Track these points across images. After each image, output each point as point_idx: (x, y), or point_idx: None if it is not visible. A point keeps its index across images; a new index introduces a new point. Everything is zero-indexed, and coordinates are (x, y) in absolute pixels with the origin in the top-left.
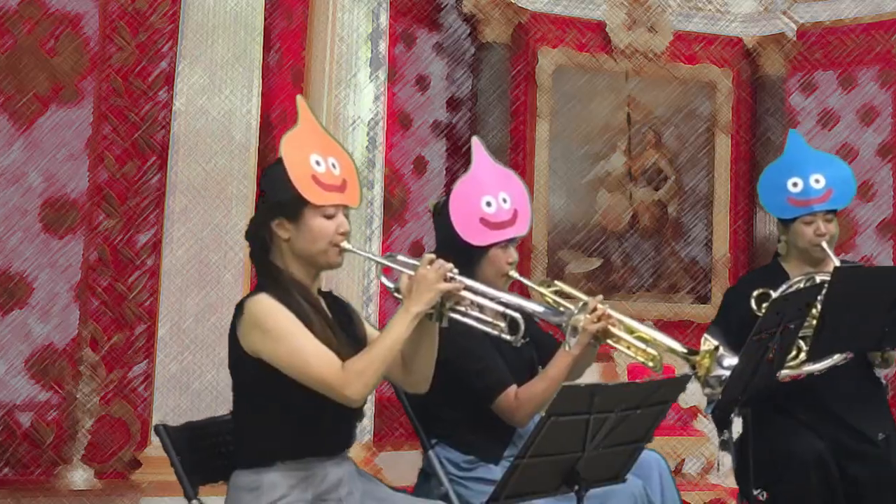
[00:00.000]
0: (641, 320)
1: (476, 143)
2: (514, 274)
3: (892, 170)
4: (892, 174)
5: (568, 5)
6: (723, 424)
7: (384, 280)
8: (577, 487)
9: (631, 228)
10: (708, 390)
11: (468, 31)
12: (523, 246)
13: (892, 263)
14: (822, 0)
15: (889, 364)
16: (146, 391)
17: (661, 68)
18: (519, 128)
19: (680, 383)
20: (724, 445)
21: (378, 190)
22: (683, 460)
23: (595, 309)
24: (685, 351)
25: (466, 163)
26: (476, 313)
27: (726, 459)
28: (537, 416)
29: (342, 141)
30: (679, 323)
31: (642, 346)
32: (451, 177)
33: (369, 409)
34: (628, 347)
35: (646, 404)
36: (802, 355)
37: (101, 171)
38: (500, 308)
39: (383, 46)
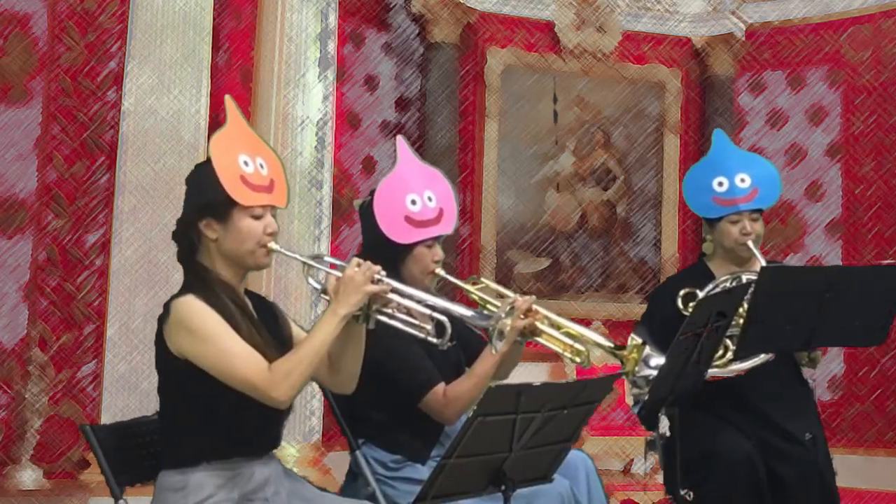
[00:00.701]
0: (589, 322)
1: (401, 142)
2: (441, 272)
3: (840, 170)
4: (841, 174)
5: (517, 5)
6: (650, 425)
7: (311, 281)
8: (503, 487)
9: (580, 228)
10: (635, 390)
11: (417, 31)
12: (472, 246)
13: (840, 263)
14: (771, 0)
15: (816, 364)
16: (95, 391)
17: (609, 68)
18: (468, 128)
19: (606, 383)
20: (650, 446)
21: (327, 190)
22: (632, 460)
23: (521, 307)
24: (612, 346)
25: None
26: (403, 315)
27: (652, 459)
28: (464, 416)
29: (291, 141)
30: (628, 323)
31: (569, 341)
32: None
33: (318, 409)
34: (555, 344)
35: (572, 404)
36: (729, 354)
37: (49, 170)
38: (428, 310)
39: (332, 46)
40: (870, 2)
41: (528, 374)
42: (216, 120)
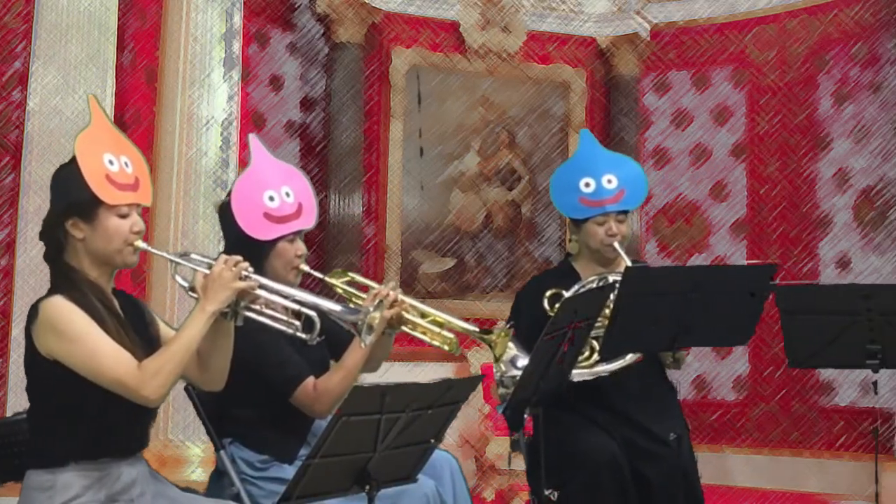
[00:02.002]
0: (494, 322)
1: (254, 140)
2: (304, 267)
3: (745, 170)
4: (746, 174)
5: (422, 5)
6: (515, 425)
7: (178, 279)
8: (368, 488)
9: (484, 228)
10: (502, 390)
11: (322, 31)
12: (377, 246)
13: (745, 263)
14: (676, 0)
15: (680, 364)
16: (0, 390)
17: (514, 68)
18: (373, 128)
19: (471, 383)
20: (514, 446)
21: None
22: None
23: (387, 298)
24: (479, 331)
25: (321, 162)
26: (271, 312)
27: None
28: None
29: (196, 141)
30: None
31: (436, 329)
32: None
33: None
34: (423, 332)
35: (437, 404)
36: (595, 356)
37: None
38: (296, 306)
39: (237, 46)
40: (774, 2)
41: (433, 373)
42: (121, 120)
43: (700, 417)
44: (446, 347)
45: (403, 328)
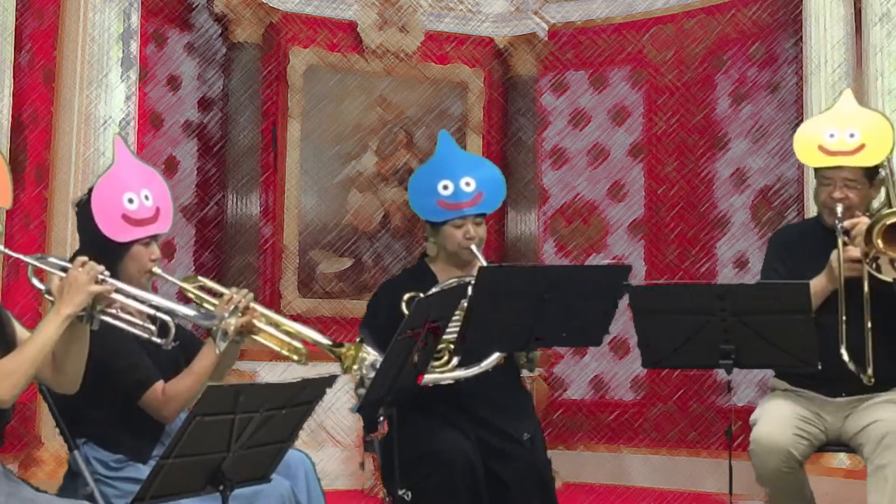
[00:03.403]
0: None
1: (118, 141)
2: (158, 270)
3: (643, 170)
4: (644, 174)
5: (319, 5)
6: (370, 425)
7: (34, 281)
8: (222, 487)
9: (382, 228)
10: (362, 391)
11: (219, 31)
12: (274, 246)
13: (643, 263)
14: (574, 0)
15: (534, 365)
16: None
17: (412, 68)
18: (270, 127)
19: (325, 383)
20: (368, 446)
21: None
22: None
23: (240, 305)
24: (330, 344)
25: (219, 162)
26: (126, 316)
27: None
28: (184, 414)
29: (94, 141)
30: None
31: (287, 339)
32: (203, 176)
33: None
34: (273, 342)
35: (291, 404)
36: (454, 360)
37: None
38: (151, 311)
39: (134, 46)
40: (672, 2)
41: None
42: (19, 121)
43: (598, 417)
44: (295, 358)
45: (254, 336)
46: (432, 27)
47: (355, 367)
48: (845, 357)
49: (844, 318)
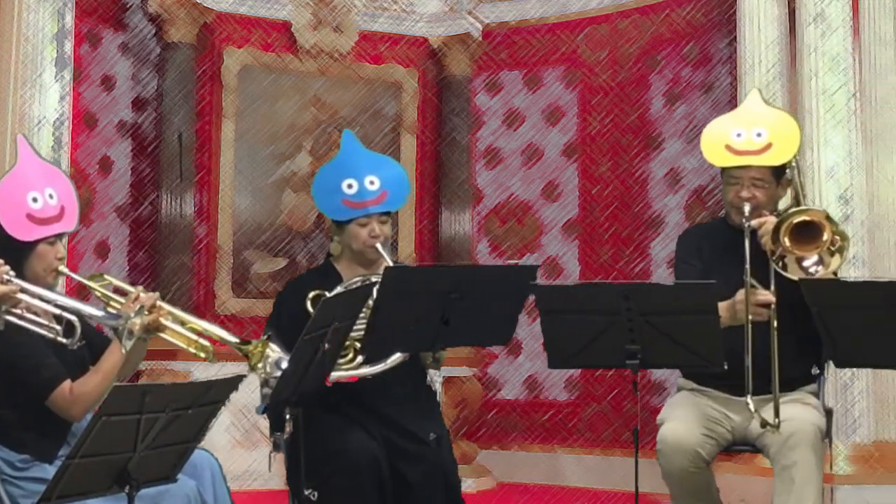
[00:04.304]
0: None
1: (21, 141)
2: (64, 269)
3: (577, 170)
4: (578, 174)
5: (253, 6)
6: (276, 425)
7: None
8: (128, 487)
9: (316, 228)
10: (266, 390)
11: (154, 31)
12: (209, 246)
13: (577, 263)
14: (508, 0)
15: (440, 364)
16: None
17: (346, 68)
18: (205, 128)
19: (231, 384)
20: (275, 446)
21: None
22: None
23: (146, 304)
24: (237, 342)
25: (153, 162)
26: (32, 316)
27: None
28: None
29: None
30: None
31: (195, 337)
32: (137, 176)
33: None
34: (180, 340)
35: (197, 404)
36: (359, 358)
37: None
38: (57, 310)
39: (69, 46)
40: (606, 2)
41: None
42: None
43: (532, 418)
44: (203, 355)
45: (161, 335)
46: (366, 27)
47: (261, 364)
48: (748, 366)
49: (750, 314)
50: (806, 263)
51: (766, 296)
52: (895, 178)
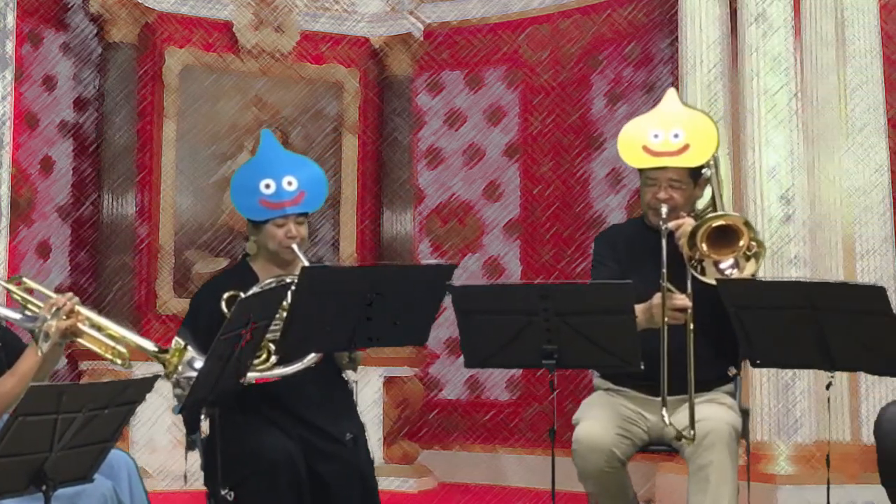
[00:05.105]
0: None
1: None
2: None
3: (519, 169)
4: (519, 174)
5: (195, 5)
6: (192, 426)
7: None
8: (45, 487)
9: None
10: (178, 391)
11: (95, 31)
12: (150, 246)
13: (519, 263)
14: (449, 0)
15: (356, 365)
16: None
17: (287, 68)
18: (146, 128)
19: (147, 384)
20: (191, 446)
21: (5, 190)
22: None
23: (64, 308)
24: (155, 349)
25: (94, 162)
26: None
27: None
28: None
29: None
30: None
31: (111, 343)
32: (79, 176)
33: None
34: (96, 345)
35: (114, 404)
36: (273, 358)
37: None
38: None
39: (10, 46)
40: (547, 2)
41: None
42: None
43: (473, 418)
44: (119, 361)
45: (78, 339)
46: (308, 27)
47: (182, 376)
48: (664, 372)
49: (666, 318)
50: (722, 266)
51: (683, 300)
52: (836, 178)
